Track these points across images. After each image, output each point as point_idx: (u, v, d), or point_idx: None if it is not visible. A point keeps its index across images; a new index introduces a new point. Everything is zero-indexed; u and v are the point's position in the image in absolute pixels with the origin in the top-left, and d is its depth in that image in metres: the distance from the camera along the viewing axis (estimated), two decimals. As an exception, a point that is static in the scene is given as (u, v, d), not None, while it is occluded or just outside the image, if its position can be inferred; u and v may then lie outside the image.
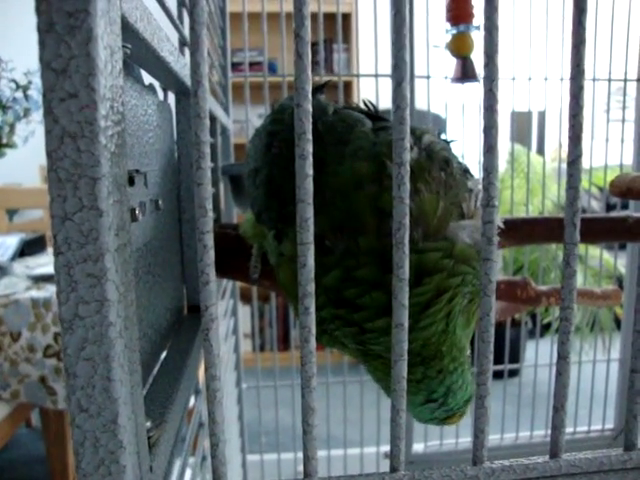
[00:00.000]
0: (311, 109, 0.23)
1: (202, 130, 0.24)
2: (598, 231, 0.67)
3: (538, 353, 1.67)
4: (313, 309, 0.24)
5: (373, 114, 0.50)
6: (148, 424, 0.35)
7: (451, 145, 0.51)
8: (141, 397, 0.28)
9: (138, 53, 0.36)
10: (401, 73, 0.25)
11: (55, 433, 1.49)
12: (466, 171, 0.47)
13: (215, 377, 0.25)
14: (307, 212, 0.24)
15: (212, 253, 0.24)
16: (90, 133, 0.22)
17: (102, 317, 0.23)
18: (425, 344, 0.41)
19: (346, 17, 2.94)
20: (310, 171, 0.23)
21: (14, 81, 2.03)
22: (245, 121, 1.32)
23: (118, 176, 0.25)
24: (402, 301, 0.25)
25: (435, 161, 0.43)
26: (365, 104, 0.54)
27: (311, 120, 0.23)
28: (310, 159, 0.23)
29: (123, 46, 0.29)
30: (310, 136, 0.23)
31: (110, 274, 0.23)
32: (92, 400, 0.24)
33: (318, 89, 0.57)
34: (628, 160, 1.65)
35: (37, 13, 0.23)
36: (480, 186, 0.46)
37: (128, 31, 0.31)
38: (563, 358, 0.28)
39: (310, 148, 0.23)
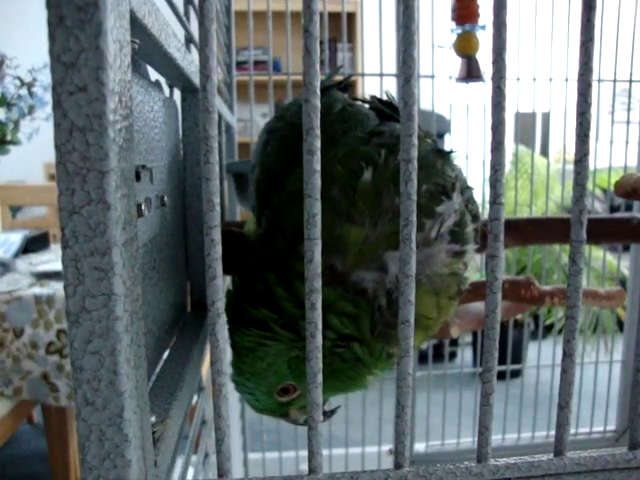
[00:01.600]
0: (319, 105, 0.23)
1: (210, 124, 0.24)
2: (602, 232, 0.67)
3: (540, 354, 1.67)
4: (320, 305, 0.24)
5: (386, 111, 0.49)
6: (152, 419, 0.35)
7: (451, 154, 0.47)
8: (146, 392, 0.28)
9: (145, 49, 0.36)
10: (409, 69, 0.25)
11: (57, 429, 1.50)
12: (444, 192, 0.43)
13: (221, 372, 0.25)
14: (314, 207, 0.24)
15: (219, 248, 0.24)
16: (99, 127, 0.22)
17: (109, 311, 0.23)
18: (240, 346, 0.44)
19: (351, 16, 2.94)
20: (318, 166, 0.23)
21: (19, 78, 2.03)
22: (249, 120, 1.32)
23: (126, 170, 0.25)
24: (409, 297, 0.25)
25: (397, 183, 0.41)
26: (387, 96, 0.53)
27: (319, 116, 0.24)
28: (318, 154, 0.23)
29: (132, 41, 0.29)
30: (318, 131, 0.23)
31: (117, 268, 0.23)
32: (98, 393, 0.24)
33: (340, 85, 0.56)
34: (632, 162, 1.65)
35: (47, 6, 0.23)
36: (454, 208, 0.42)
37: (136, 26, 0.31)
38: (569, 356, 0.28)
39: (318, 143, 0.23)
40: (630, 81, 1.52)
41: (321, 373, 0.25)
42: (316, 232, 0.24)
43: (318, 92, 0.23)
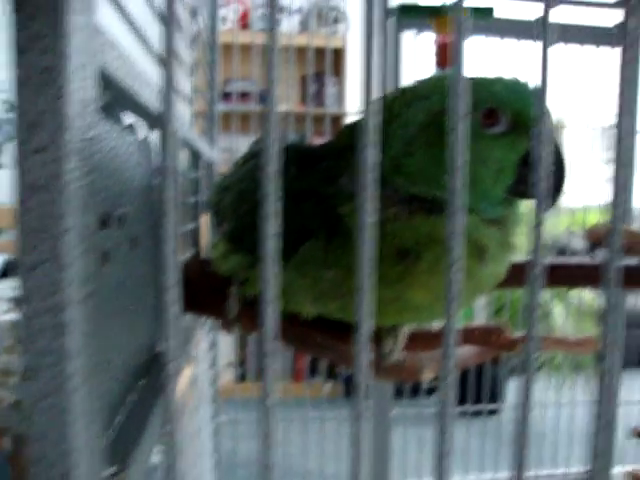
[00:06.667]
0: (277, 169, 0.24)
1: (169, 188, 0.24)
2: (570, 277, 0.67)
3: (518, 392, 1.67)
4: (273, 370, 0.25)
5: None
6: (112, 469, 0.35)
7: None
8: (100, 446, 0.28)
9: (119, 98, 0.37)
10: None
11: (26, 459, 1.46)
12: None
13: (173, 432, 0.25)
14: (270, 271, 0.24)
15: (176, 308, 0.24)
16: (56, 187, 0.22)
17: (62, 369, 0.23)
18: None
19: (338, 52, 2.99)
20: (274, 230, 0.24)
21: (6, 102, 2.03)
22: (235, 150, 1.34)
23: (88, 224, 0.25)
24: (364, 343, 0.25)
25: None
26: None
27: (278, 181, 0.24)
28: (275, 219, 0.23)
29: (103, 93, 0.30)
30: (277, 195, 0.24)
31: (72, 326, 0.23)
32: (49, 450, 0.24)
33: None
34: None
35: (17, 65, 0.23)
36: None
37: (108, 81, 0.31)
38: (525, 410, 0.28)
39: (278, 207, 0.24)
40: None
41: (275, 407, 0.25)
42: (272, 295, 0.24)
43: (276, 159, 0.24)
